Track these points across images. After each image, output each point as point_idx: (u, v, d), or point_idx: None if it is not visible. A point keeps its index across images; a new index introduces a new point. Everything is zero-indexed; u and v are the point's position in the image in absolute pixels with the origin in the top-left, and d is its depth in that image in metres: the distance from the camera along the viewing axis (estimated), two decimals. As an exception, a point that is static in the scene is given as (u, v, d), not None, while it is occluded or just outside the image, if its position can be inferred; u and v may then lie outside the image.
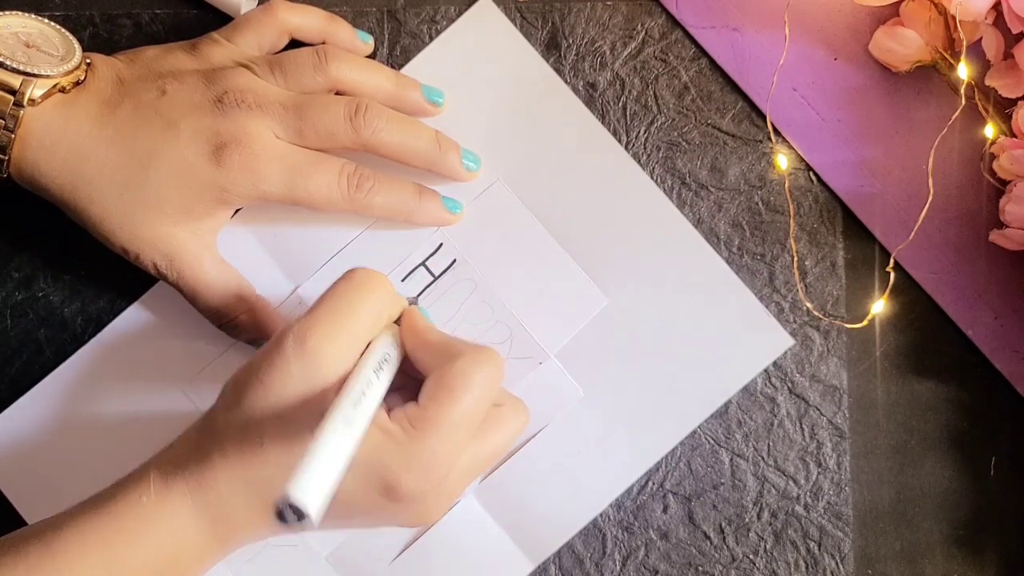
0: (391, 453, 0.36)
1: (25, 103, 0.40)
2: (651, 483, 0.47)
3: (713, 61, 0.47)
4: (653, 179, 0.47)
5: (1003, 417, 0.47)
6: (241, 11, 0.46)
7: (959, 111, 0.44)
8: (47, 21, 0.43)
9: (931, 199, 0.45)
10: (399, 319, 0.41)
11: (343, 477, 0.33)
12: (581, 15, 0.48)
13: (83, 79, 0.42)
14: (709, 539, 0.47)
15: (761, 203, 0.47)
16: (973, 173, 0.47)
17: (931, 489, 0.47)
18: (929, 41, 0.45)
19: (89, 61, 0.43)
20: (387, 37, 0.48)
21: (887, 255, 0.47)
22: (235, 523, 0.37)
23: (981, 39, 0.45)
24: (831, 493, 0.47)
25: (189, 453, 0.37)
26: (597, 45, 0.48)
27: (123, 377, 0.46)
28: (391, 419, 0.37)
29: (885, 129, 0.47)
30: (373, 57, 0.47)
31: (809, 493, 0.47)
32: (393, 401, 0.38)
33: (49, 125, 0.41)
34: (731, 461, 0.47)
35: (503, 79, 0.47)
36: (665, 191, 0.47)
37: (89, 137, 0.41)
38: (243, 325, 0.45)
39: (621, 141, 0.47)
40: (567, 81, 0.47)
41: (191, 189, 0.42)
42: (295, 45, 0.46)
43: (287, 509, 0.31)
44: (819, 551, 0.47)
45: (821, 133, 0.47)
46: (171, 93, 0.42)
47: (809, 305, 0.47)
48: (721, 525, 0.47)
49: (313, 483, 0.31)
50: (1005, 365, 0.47)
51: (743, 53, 0.47)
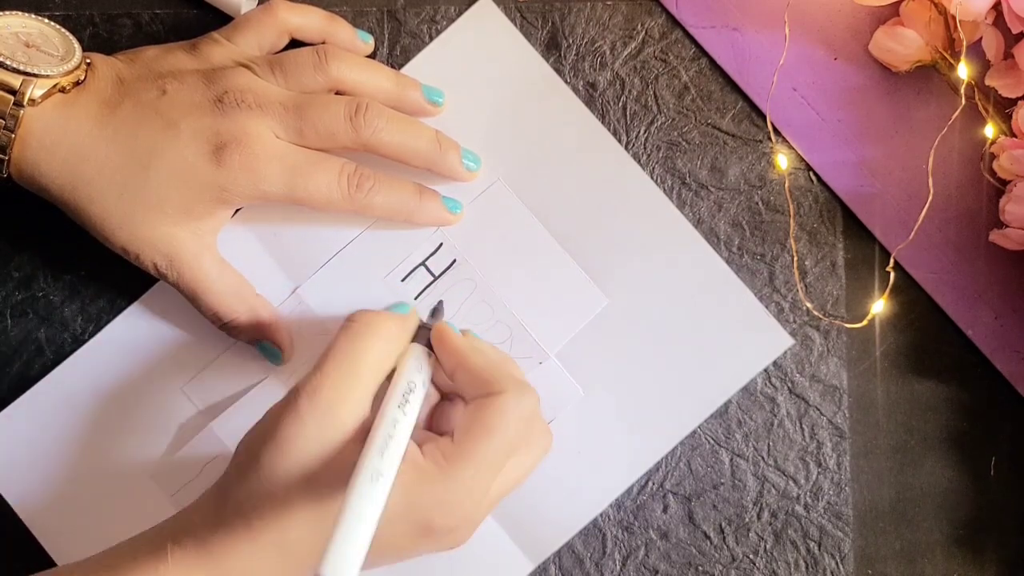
0: (426, 493, 0.36)
1: (25, 103, 0.40)
2: (651, 483, 0.47)
3: (713, 61, 0.47)
4: (653, 179, 0.47)
5: (1003, 417, 0.47)
6: (241, 11, 0.46)
7: (959, 111, 0.44)
8: (47, 21, 0.43)
9: (931, 199, 0.45)
10: (418, 336, 0.40)
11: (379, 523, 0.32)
12: (581, 15, 0.47)
13: (83, 79, 0.42)
14: (709, 539, 0.47)
15: (761, 203, 0.47)
16: (973, 173, 0.47)
17: (931, 489, 0.47)
18: (929, 41, 0.45)
19: (89, 61, 0.43)
20: (387, 37, 0.48)
21: (887, 255, 0.47)
22: None
23: (981, 39, 0.45)
24: (831, 493, 0.47)
25: (208, 524, 0.36)
26: (597, 45, 0.47)
27: (123, 377, 0.46)
28: (424, 455, 0.36)
29: (885, 129, 0.47)
30: (373, 57, 0.47)
31: (809, 493, 0.47)
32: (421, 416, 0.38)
33: (49, 125, 0.41)
34: (731, 461, 0.47)
35: (503, 79, 0.47)
36: (665, 191, 0.47)
37: (89, 137, 0.41)
38: (243, 325, 0.44)
39: (621, 141, 0.47)
40: (567, 81, 0.47)
41: (191, 189, 0.42)
42: (295, 45, 0.46)
43: None
44: (819, 551, 0.47)
45: (821, 133, 0.47)
46: (171, 93, 0.42)
47: (809, 305, 0.47)
48: (721, 525, 0.47)
49: (348, 554, 0.31)
50: (1005, 365, 0.47)
51: (743, 53, 0.47)
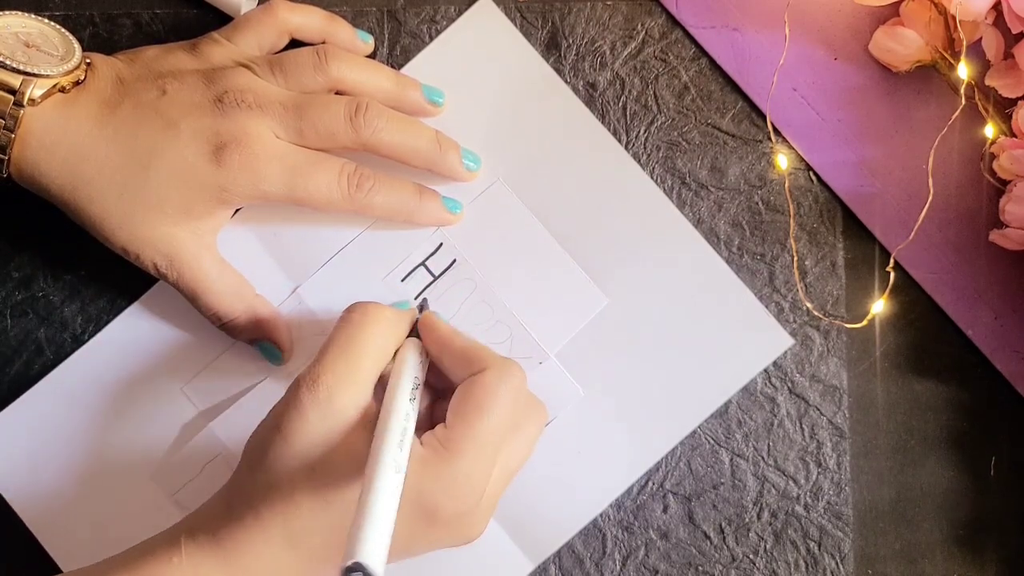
0: (428, 480, 0.36)
1: (25, 103, 0.40)
2: (651, 483, 0.47)
3: (713, 61, 0.47)
4: (653, 179, 0.47)
5: (1003, 417, 0.47)
6: (241, 11, 0.46)
7: (959, 111, 0.44)
8: (47, 21, 0.43)
9: (931, 199, 0.45)
10: (414, 330, 0.41)
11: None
12: (581, 15, 0.47)
13: (83, 79, 0.42)
14: (709, 539, 0.47)
15: (761, 203, 0.47)
16: (973, 173, 0.47)
17: (931, 489, 0.47)
18: (929, 41, 0.45)
19: (89, 61, 0.43)
20: (387, 37, 0.48)
21: (887, 255, 0.47)
22: None
23: (981, 39, 0.45)
24: (831, 493, 0.47)
25: (220, 517, 0.37)
26: (597, 45, 0.47)
27: (123, 377, 0.46)
28: (423, 444, 0.37)
29: (885, 129, 0.47)
30: (373, 57, 0.47)
31: (809, 493, 0.47)
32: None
33: (49, 125, 0.41)
34: (731, 461, 0.47)
35: (503, 79, 0.47)
36: (665, 191, 0.47)
37: (89, 137, 0.41)
38: (243, 325, 0.44)
39: (621, 141, 0.47)
40: (567, 81, 0.47)
41: (191, 189, 0.42)
42: (295, 45, 0.46)
43: (355, 572, 0.30)
44: (819, 551, 0.47)
45: (821, 133, 0.47)
46: (171, 93, 0.42)
47: (809, 305, 0.47)
48: (721, 525, 0.47)
49: (376, 541, 0.31)
50: (1005, 365, 0.47)
51: (743, 53, 0.47)
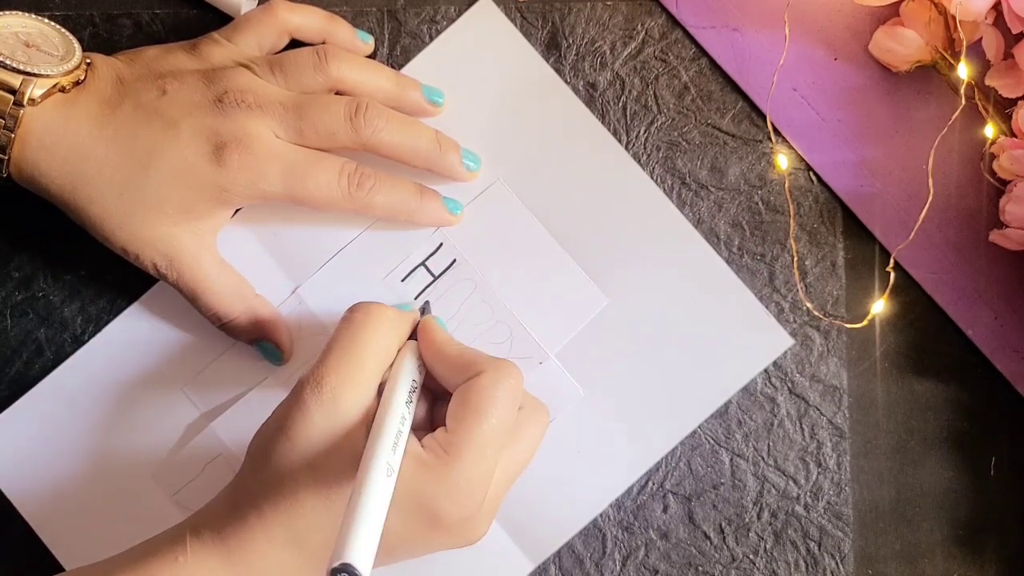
0: (430, 484, 0.36)
1: (25, 103, 0.40)
2: (651, 483, 0.47)
3: (713, 61, 0.47)
4: (653, 179, 0.47)
5: (1003, 417, 0.47)
6: (241, 11, 0.46)
7: (959, 111, 0.44)
8: (47, 21, 0.43)
9: (931, 199, 0.45)
10: (414, 333, 0.41)
11: (387, 518, 0.33)
12: (581, 15, 0.47)
13: (83, 79, 0.42)
14: (709, 539, 0.47)
15: (761, 203, 0.47)
16: (973, 173, 0.47)
17: (931, 489, 0.47)
18: (929, 41, 0.45)
19: (89, 61, 0.43)
20: (387, 37, 0.48)
21: (887, 255, 0.47)
22: None
23: (981, 39, 0.45)
24: (831, 493, 0.47)
25: (224, 515, 0.37)
26: (597, 45, 0.47)
27: (123, 377, 0.46)
28: (425, 448, 0.37)
29: (885, 129, 0.47)
30: (373, 57, 0.47)
31: (809, 493, 0.47)
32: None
33: (49, 125, 0.41)
34: (731, 461, 0.47)
35: (503, 79, 0.47)
36: (665, 191, 0.47)
37: (89, 137, 0.41)
38: (243, 325, 0.44)
39: (621, 141, 0.47)
40: (567, 81, 0.47)
41: (191, 189, 0.42)
42: (295, 45, 0.46)
43: (342, 573, 0.30)
44: (819, 551, 0.47)
45: (821, 133, 0.47)
46: (171, 93, 0.42)
47: (809, 305, 0.47)
48: (721, 525, 0.47)
49: (364, 542, 0.31)
50: (1005, 365, 0.47)
51: (743, 53, 0.47)
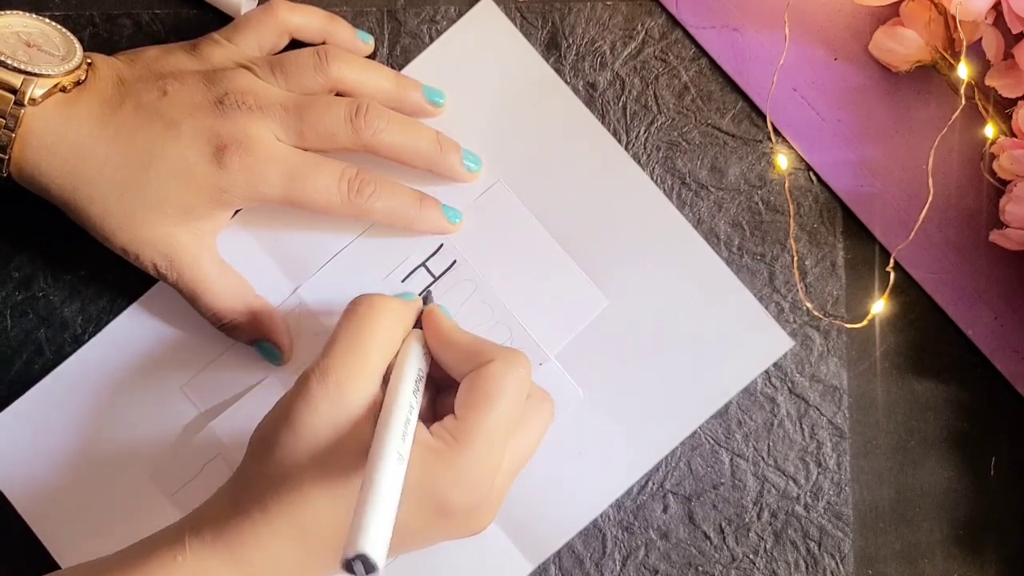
0: (439, 472, 0.36)
1: (26, 102, 0.40)
2: (651, 483, 0.47)
3: (713, 61, 0.47)
4: (653, 179, 0.47)
5: (1003, 417, 0.47)
6: (241, 11, 0.46)
7: (959, 111, 0.44)
8: (47, 21, 0.43)
9: (931, 199, 0.45)
10: (418, 323, 0.41)
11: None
12: (581, 15, 0.48)
13: (84, 79, 0.42)
14: (709, 539, 0.47)
15: (761, 203, 0.47)
16: (973, 173, 0.47)
17: (931, 489, 0.47)
18: (929, 41, 0.45)
19: (90, 61, 0.43)
20: (387, 37, 0.48)
21: (887, 255, 0.47)
22: (283, 573, 0.36)
23: (981, 39, 0.45)
24: (831, 493, 0.47)
25: (225, 512, 0.36)
26: (597, 45, 0.48)
27: (122, 377, 0.46)
28: (434, 435, 0.37)
29: (885, 129, 0.47)
30: (373, 57, 0.47)
31: (809, 493, 0.47)
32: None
33: (50, 125, 0.41)
34: (731, 461, 0.47)
35: (503, 79, 0.47)
36: (665, 191, 0.47)
37: (90, 137, 0.41)
38: (242, 326, 0.44)
39: (621, 141, 0.47)
40: (567, 81, 0.47)
41: (191, 190, 0.42)
42: (295, 45, 0.46)
43: (356, 562, 0.30)
44: (819, 551, 0.47)
45: (821, 133, 0.47)
46: (172, 94, 0.42)
47: (809, 305, 0.47)
48: (721, 525, 0.47)
49: (378, 532, 0.31)
50: (1005, 365, 0.47)
51: (743, 53, 0.47)
